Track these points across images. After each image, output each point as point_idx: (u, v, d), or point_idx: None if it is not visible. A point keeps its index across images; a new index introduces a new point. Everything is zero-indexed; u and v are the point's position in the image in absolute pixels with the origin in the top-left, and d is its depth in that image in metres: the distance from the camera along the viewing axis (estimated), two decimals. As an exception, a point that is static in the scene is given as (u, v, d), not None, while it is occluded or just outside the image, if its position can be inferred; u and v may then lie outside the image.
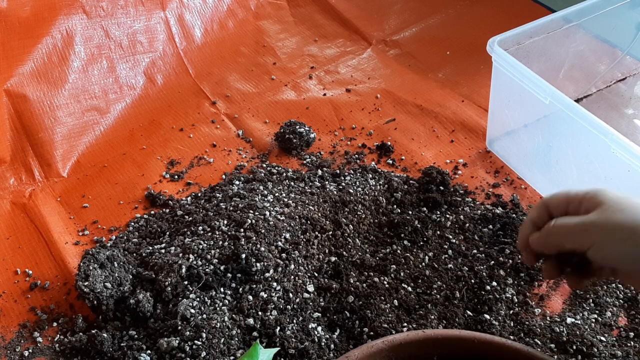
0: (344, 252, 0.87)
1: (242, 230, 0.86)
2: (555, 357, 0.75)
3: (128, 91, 1.15)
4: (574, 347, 0.76)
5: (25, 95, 1.05)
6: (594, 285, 0.84)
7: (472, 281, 0.84)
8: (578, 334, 0.78)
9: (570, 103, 0.84)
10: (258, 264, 0.81)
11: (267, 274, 0.81)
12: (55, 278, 0.88)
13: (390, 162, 1.04)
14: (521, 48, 0.95)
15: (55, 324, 0.82)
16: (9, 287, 0.87)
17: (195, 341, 0.74)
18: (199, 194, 0.99)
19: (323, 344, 0.77)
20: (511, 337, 0.77)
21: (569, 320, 0.80)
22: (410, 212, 0.93)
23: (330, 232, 0.89)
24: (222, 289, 0.81)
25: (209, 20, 1.29)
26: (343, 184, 0.97)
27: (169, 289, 0.80)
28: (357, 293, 0.82)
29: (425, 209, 0.94)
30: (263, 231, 0.85)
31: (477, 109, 1.13)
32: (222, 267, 0.82)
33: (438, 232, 0.91)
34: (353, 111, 1.14)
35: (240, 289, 0.81)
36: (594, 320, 0.81)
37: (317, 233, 0.88)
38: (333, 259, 0.86)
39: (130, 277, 0.83)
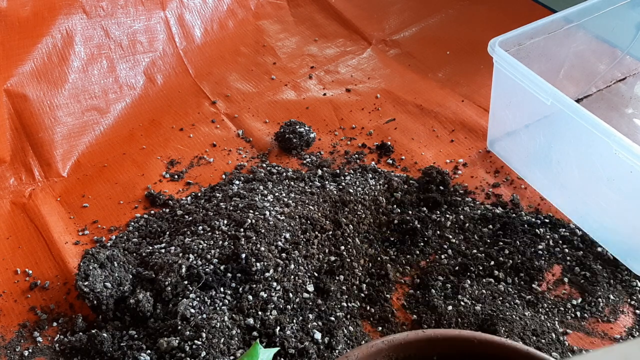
0: (344, 252, 0.87)
1: (242, 230, 0.86)
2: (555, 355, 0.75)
3: (128, 91, 1.15)
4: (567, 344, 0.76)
5: (25, 95, 1.05)
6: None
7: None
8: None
9: (572, 104, 0.84)
10: (258, 264, 0.81)
11: (267, 274, 0.81)
12: (55, 278, 0.88)
13: (390, 161, 1.04)
14: (522, 49, 0.95)
15: (55, 324, 0.82)
16: (8, 287, 0.87)
17: (195, 341, 0.74)
18: (199, 194, 0.99)
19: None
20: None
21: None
22: (410, 212, 0.93)
23: (330, 232, 0.89)
24: (222, 289, 0.81)
25: (209, 20, 1.29)
26: (343, 183, 0.97)
27: (169, 288, 0.80)
28: (357, 293, 0.82)
29: (425, 208, 0.94)
30: (263, 231, 0.85)
31: (477, 108, 1.13)
32: (222, 267, 0.82)
33: (438, 232, 0.91)
34: (353, 111, 1.14)
35: (240, 289, 0.81)
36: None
37: (317, 233, 0.88)
38: (333, 258, 0.86)
39: (130, 277, 0.83)
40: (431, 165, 1.00)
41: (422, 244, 0.90)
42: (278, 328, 0.76)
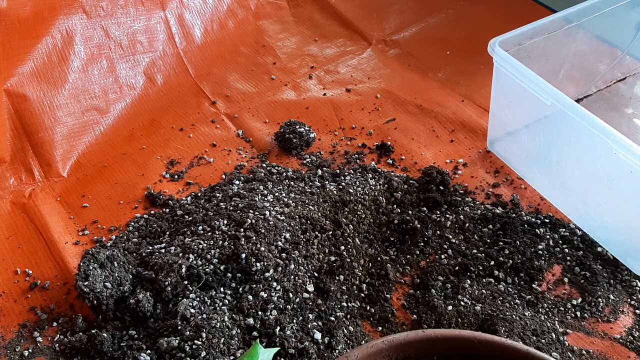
0: (344, 252, 0.87)
1: (242, 230, 0.86)
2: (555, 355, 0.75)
3: (128, 91, 1.15)
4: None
5: (25, 95, 1.05)
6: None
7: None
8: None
9: (572, 104, 0.84)
10: (258, 264, 0.81)
11: (267, 274, 0.81)
12: (55, 278, 0.88)
13: (390, 161, 1.04)
14: (522, 49, 0.95)
15: (55, 324, 0.82)
16: (9, 287, 0.87)
17: (195, 341, 0.74)
18: (199, 194, 0.99)
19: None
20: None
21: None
22: (410, 212, 0.93)
23: (330, 232, 0.89)
24: (222, 289, 0.81)
25: (209, 20, 1.29)
26: (343, 183, 0.97)
27: (169, 288, 0.80)
28: (357, 293, 0.82)
29: (425, 208, 0.94)
30: (263, 231, 0.85)
31: (477, 108, 1.13)
32: (222, 267, 0.82)
33: (438, 232, 0.91)
34: (353, 111, 1.14)
35: (240, 289, 0.81)
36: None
37: (317, 233, 0.88)
38: (333, 258, 0.86)
39: (130, 277, 0.83)
40: (431, 165, 1.00)
41: (422, 244, 0.90)
42: (278, 328, 0.76)
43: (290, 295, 0.80)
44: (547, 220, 0.93)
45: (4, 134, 1.02)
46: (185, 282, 0.80)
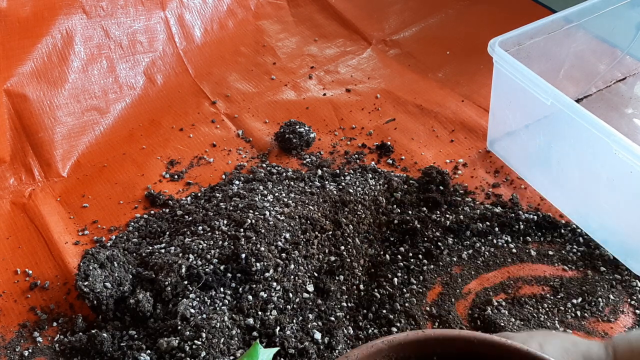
0: (344, 252, 0.87)
1: (242, 230, 0.86)
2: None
3: (128, 91, 1.15)
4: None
5: (25, 95, 1.05)
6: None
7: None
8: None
9: (572, 104, 0.84)
10: (258, 264, 0.81)
11: (267, 274, 0.81)
12: (55, 278, 0.88)
13: (390, 162, 1.04)
14: (522, 49, 0.95)
15: (55, 324, 0.82)
16: (8, 287, 0.87)
17: (195, 341, 0.74)
18: (199, 194, 0.99)
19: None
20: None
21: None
22: (410, 212, 0.93)
23: (330, 232, 0.89)
24: (222, 289, 0.81)
25: (209, 20, 1.29)
26: (343, 183, 0.97)
27: (169, 288, 0.80)
28: (357, 293, 0.82)
29: (425, 208, 0.94)
30: (263, 231, 0.85)
31: (477, 108, 1.13)
32: (222, 267, 0.82)
33: (438, 232, 0.91)
34: (353, 111, 1.14)
35: (240, 289, 0.81)
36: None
37: (317, 233, 0.88)
38: (333, 258, 0.86)
39: (130, 277, 0.83)
40: (431, 165, 1.00)
41: (422, 244, 0.90)
42: (278, 328, 0.76)
43: (290, 295, 0.80)
44: (546, 220, 0.92)
45: (4, 134, 1.02)
46: (185, 282, 0.80)
